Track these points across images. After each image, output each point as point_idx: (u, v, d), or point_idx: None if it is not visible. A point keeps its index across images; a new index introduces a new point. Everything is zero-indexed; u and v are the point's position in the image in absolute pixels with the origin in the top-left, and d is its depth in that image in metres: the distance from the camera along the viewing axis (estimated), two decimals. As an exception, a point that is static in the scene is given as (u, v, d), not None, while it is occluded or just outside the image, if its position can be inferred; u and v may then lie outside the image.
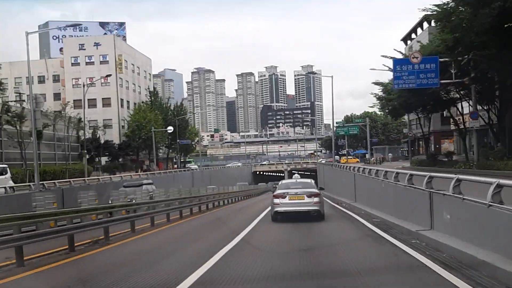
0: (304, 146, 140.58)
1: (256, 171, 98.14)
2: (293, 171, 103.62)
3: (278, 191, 15.25)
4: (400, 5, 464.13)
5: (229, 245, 10.17)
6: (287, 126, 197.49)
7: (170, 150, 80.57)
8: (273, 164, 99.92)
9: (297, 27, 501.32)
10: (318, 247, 10.15)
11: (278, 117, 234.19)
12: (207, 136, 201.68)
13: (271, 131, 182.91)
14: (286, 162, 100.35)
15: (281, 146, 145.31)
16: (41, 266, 8.67)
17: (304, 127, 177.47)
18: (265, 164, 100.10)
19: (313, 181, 17.28)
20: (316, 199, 14.82)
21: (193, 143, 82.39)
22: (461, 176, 8.23)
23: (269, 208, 16.58)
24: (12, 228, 8.90)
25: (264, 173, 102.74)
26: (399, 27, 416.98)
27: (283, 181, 18.80)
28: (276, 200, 14.90)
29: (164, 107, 76.31)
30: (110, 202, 15.94)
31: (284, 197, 14.78)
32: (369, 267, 7.64)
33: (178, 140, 72.64)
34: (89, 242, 11.31)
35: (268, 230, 13.50)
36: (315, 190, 15.42)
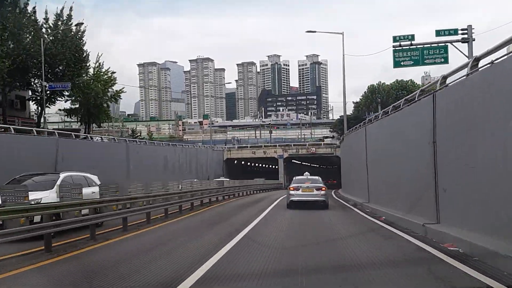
0: (311, 132, 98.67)
1: (233, 159, 55.46)
2: (293, 160, 61.61)
3: (293, 185, 19.20)
4: (405, 3, 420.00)
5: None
6: (288, 110, 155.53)
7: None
8: (259, 147, 57.16)
9: (303, 24, 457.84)
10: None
11: (279, 103, 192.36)
12: (195, 122, 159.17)
13: (269, 117, 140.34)
14: (282, 145, 57.56)
15: (276, 128, 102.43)
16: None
17: (310, 112, 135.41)
18: (246, 147, 57.33)
19: (320, 178, 20.73)
20: (322, 192, 18.79)
21: (101, 96, 39.90)
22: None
23: None
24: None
25: (248, 163, 60.00)
26: (404, 26, 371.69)
27: (297, 177, 20.69)
28: (292, 192, 18.82)
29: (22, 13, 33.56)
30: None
31: (298, 190, 18.75)
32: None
33: (43, 82, 30.80)
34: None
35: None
36: (322, 185, 19.27)
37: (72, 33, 35.82)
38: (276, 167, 56.47)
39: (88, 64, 39.65)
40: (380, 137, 17.63)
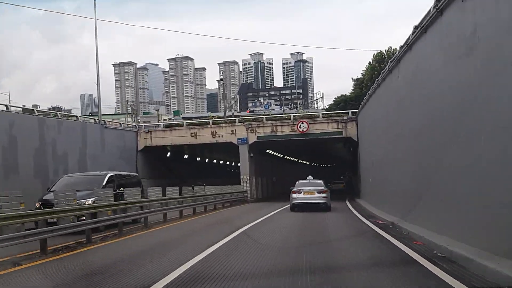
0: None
1: (156, 148, 28.63)
2: (268, 149, 33.29)
3: (295, 188, 19.08)
4: (387, 9, 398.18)
5: None
6: (269, 102, 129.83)
7: None
8: (205, 126, 30.19)
9: (290, 29, 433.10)
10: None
11: (261, 99, 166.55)
12: (164, 119, 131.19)
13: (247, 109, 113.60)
14: (247, 120, 30.48)
15: (250, 111, 75.56)
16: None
17: (297, 105, 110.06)
18: (180, 126, 30.15)
19: (322, 182, 20.10)
20: (324, 195, 18.64)
21: None
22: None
23: None
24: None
25: (196, 158, 33.44)
26: (387, 31, 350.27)
27: (299, 181, 20.08)
28: (294, 195, 18.79)
29: None
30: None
31: (300, 193, 18.68)
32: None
33: None
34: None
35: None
36: (324, 188, 19.17)
37: None
38: (237, 164, 30.22)
39: None
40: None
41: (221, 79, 36.47)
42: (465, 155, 7.22)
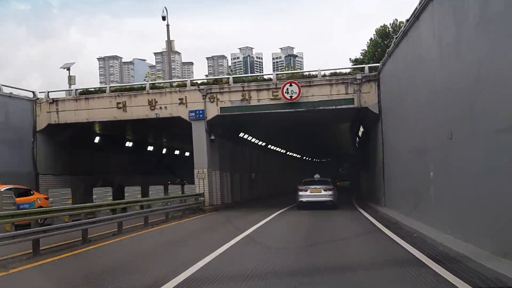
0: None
1: (69, 127, 17.96)
2: (243, 133, 22.97)
3: (302, 186, 18.95)
4: (374, 7, 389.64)
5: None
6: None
7: None
8: (140, 91, 19.49)
9: (279, 27, 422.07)
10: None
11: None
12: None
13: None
14: (204, 82, 19.97)
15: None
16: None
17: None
18: (102, 94, 19.74)
19: (329, 180, 19.93)
20: (330, 192, 18.48)
21: None
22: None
23: None
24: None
25: (142, 145, 22.63)
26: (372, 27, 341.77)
27: (306, 179, 20.07)
28: (301, 193, 18.67)
29: None
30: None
31: (307, 191, 18.60)
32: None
33: None
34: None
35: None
36: (330, 186, 18.95)
37: None
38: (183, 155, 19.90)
39: None
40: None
41: (164, 18, 24.99)
42: None
